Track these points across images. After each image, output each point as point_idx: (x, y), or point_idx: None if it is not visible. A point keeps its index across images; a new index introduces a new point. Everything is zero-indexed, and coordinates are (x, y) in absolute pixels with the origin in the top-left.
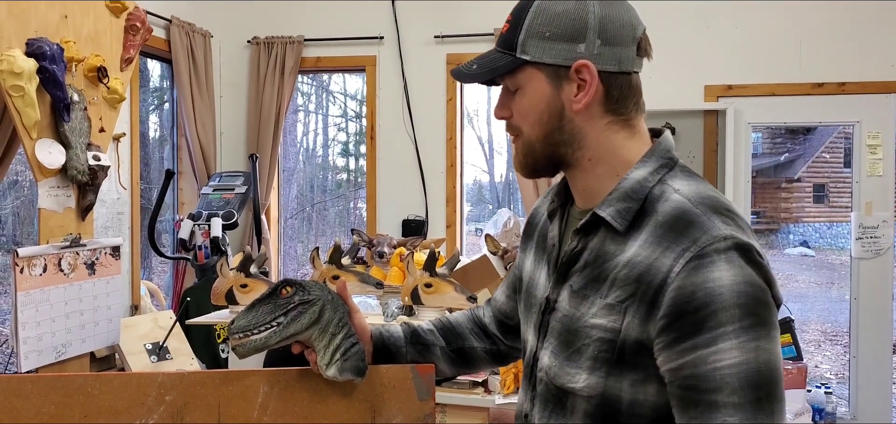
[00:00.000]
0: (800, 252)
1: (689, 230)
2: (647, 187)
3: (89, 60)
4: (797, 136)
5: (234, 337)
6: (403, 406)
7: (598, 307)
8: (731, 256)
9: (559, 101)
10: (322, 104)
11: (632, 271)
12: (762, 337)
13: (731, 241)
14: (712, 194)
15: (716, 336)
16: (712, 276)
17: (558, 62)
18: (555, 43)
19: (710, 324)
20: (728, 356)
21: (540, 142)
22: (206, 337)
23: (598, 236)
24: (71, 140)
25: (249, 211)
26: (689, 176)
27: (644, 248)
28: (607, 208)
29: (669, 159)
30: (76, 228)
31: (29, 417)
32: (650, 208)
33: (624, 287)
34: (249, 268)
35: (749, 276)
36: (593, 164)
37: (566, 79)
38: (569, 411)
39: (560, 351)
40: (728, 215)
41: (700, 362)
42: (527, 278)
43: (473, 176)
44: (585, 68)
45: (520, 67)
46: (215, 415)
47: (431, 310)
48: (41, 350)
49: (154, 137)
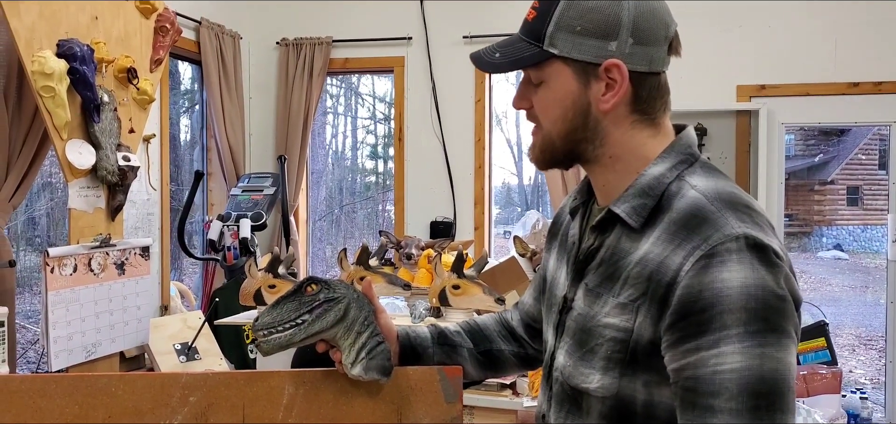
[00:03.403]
0: (833, 256)
1: (701, 228)
2: (665, 183)
3: (119, 61)
4: (830, 137)
5: (259, 334)
6: (430, 408)
7: (610, 306)
8: (743, 256)
9: (585, 99)
10: (351, 106)
11: (644, 269)
12: (770, 344)
13: (744, 240)
14: (731, 190)
15: (719, 338)
16: (722, 276)
17: (588, 59)
18: (585, 38)
19: (715, 326)
20: (729, 360)
21: (561, 138)
22: (234, 338)
23: (614, 234)
24: (101, 141)
25: (278, 212)
26: (708, 172)
27: (656, 245)
28: (622, 205)
29: (690, 155)
30: (106, 228)
31: (53, 417)
32: (666, 205)
33: (636, 285)
34: (278, 269)
35: (761, 278)
36: (614, 161)
37: (594, 77)
38: (585, 412)
39: (574, 351)
40: (745, 212)
41: (701, 364)
42: (549, 277)
43: (502, 178)
44: (616, 68)
45: (546, 60)
46: (240, 416)
47: (459, 312)
48: (71, 350)
49: (185, 140)
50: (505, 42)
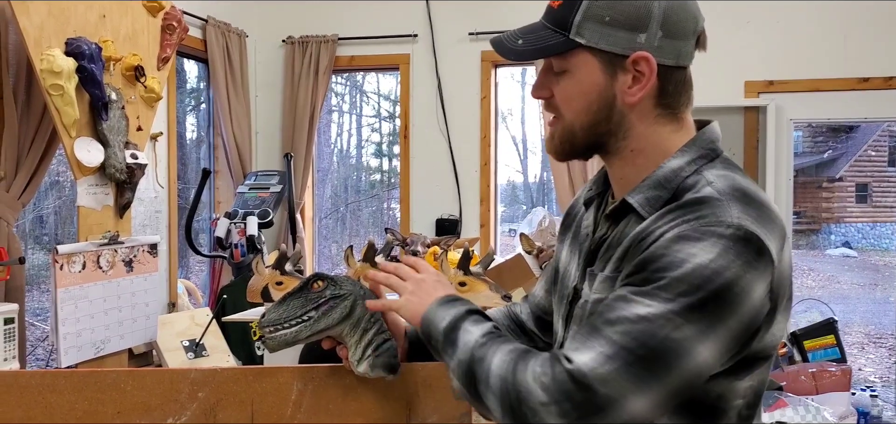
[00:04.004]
0: (842, 253)
1: (698, 208)
2: (681, 176)
3: (127, 60)
4: (839, 134)
5: (266, 330)
6: (439, 405)
7: (598, 282)
8: (725, 241)
9: (611, 91)
10: (356, 104)
11: (632, 240)
12: (691, 322)
13: (734, 229)
14: (747, 185)
15: (652, 292)
16: (693, 249)
17: (616, 51)
18: (614, 29)
19: (658, 283)
20: (642, 308)
21: (583, 130)
22: (242, 334)
23: (626, 225)
24: (109, 138)
25: (284, 210)
26: (727, 167)
27: (651, 222)
28: (636, 196)
29: (711, 150)
30: (114, 225)
31: (63, 412)
32: (679, 197)
33: (621, 259)
34: (285, 266)
35: (735, 270)
36: (635, 155)
37: (621, 68)
38: None
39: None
40: (754, 207)
41: (622, 299)
42: (561, 269)
43: (507, 177)
44: (644, 61)
45: (572, 49)
46: (248, 412)
47: None
48: (80, 346)
49: (191, 139)
50: (528, 29)
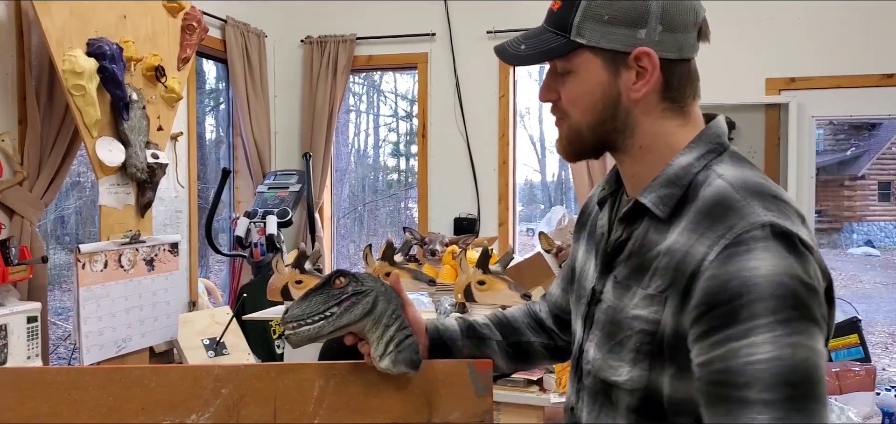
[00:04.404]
0: (864, 252)
1: (725, 216)
2: (692, 172)
3: (147, 60)
4: (861, 131)
5: (288, 327)
6: (460, 402)
7: (639, 298)
8: (769, 244)
9: (615, 88)
10: (373, 104)
11: (671, 259)
12: (801, 333)
13: (770, 228)
14: (758, 179)
15: (749, 329)
16: (748, 264)
17: (617, 48)
18: (614, 27)
19: (743, 315)
20: (761, 350)
21: (590, 129)
22: (262, 333)
23: (642, 225)
24: (130, 138)
25: (303, 209)
26: (736, 161)
27: (682, 235)
28: (649, 195)
29: (719, 144)
30: (135, 225)
31: (88, 409)
32: (693, 195)
33: (663, 276)
34: (304, 265)
35: (789, 266)
36: (643, 151)
37: (624, 65)
38: (615, 405)
39: (604, 343)
40: (772, 201)
41: (731, 355)
42: (578, 269)
43: (525, 176)
44: (646, 56)
45: (574, 50)
46: (271, 409)
47: (484, 308)
48: (102, 345)
49: (210, 139)
50: (530, 33)
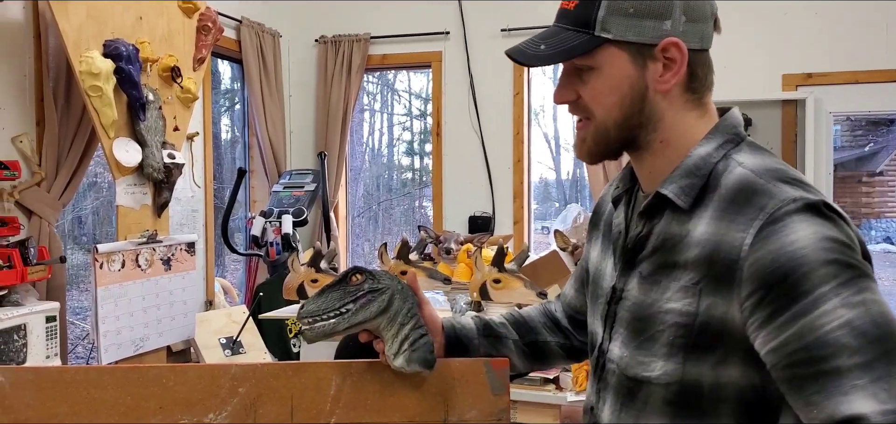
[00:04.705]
0: (883, 249)
1: (754, 199)
2: (711, 162)
3: (163, 60)
4: (879, 127)
5: (304, 321)
6: (477, 401)
7: (672, 291)
8: (802, 215)
9: (643, 81)
10: (387, 103)
11: (702, 250)
12: (865, 289)
13: (801, 201)
14: (778, 164)
15: (815, 299)
16: (788, 239)
17: (644, 40)
18: (640, 20)
19: (804, 289)
20: (835, 316)
21: (617, 126)
22: (278, 332)
23: (663, 219)
24: (147, 139)
25: (318, 208)
26: (755, 150)
27: (710, 225)
28: (670, 186)
29: (736, 134)
30: (152, 224)
31: (107, 408)
32: (714, 184)
33: (696, 268)
34: (320, 264)
35: (827, 232)
36: (664, 146)
37: (650, 58)
38: (641, 402)
39: (631, 341)
40: (796, 183)
41: (806, 331)
42: (593, 269)
43: (539, 174)
44: (674, 46)
45: (598, 46)
46: (288, 407)
47: (500, 306)
48: (120, 344)
49: (226, 139)
50: (547, 33)
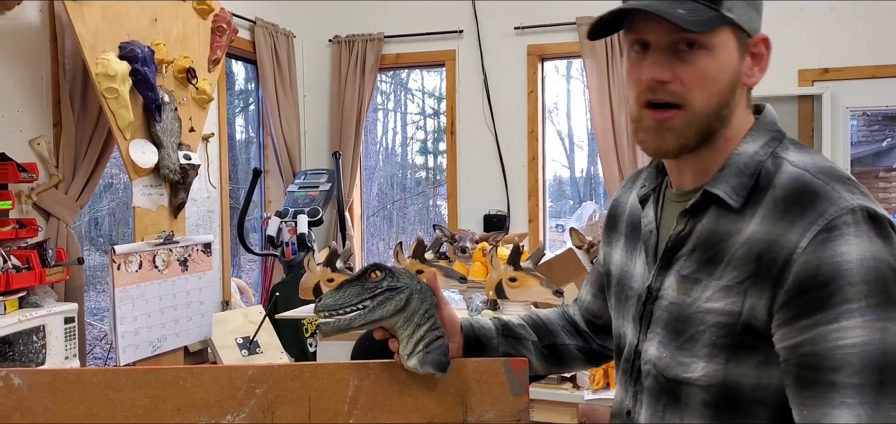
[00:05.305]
0: None
1: (814, 202)
2: (759, 161)
3: (179, 62)
4: None
5: (321, 315)
6: (496, 401)
7: (713, 290)
8: (860, 228)
9: (739, 72)
10: (401, 103)
11: (751, 249)
12: (891, 318)
13: (860, 212)
14: (829, 163)
15: (840, 313)
16: (840, 249)
17: (750, 30)
18: (752, 7)
19: (835, 300)
20: (852, 334)
21: (711, 116)
22: (294, 331)
23: (707, 217)
24: (163, 140)
25: (333, 208)
26: (801, 148)
27: (764, 224)
28: (721, 186)
29: (778, 131)
30: (169, 225)
31: (124, 409)
32: (765, 183)
33: (742, 267)
34: (335, 263)
35: (879, 251)
36: (724, 142)
37: (746, 49)
38: (683, 403)
39: (670, 341)
40: (852, 184)
41: (820, 339)
42: (617, 271)
43: (553, 171)
44: (763, 41)
45: (720, 25)
46: (306, 408)
47: (516, 305)
48: (138, 345)
49: (240, 139)
50: (672, 2)
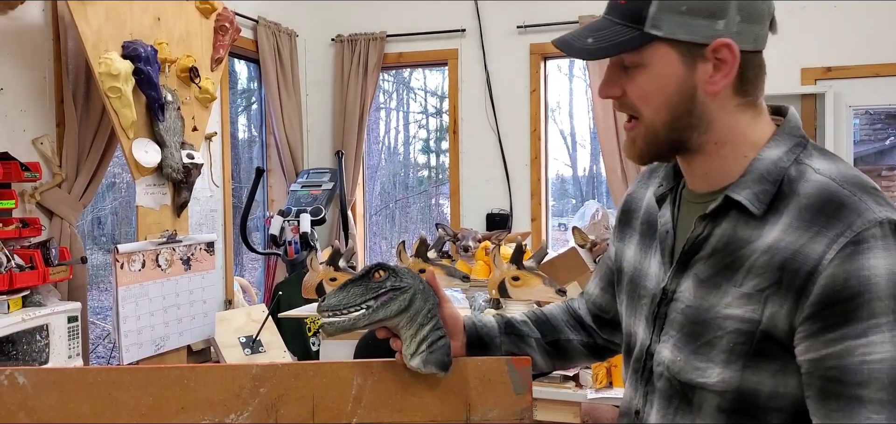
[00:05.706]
0: None
1: (841, 213)
2: (783, 167)
3: (181, 61)
4: None
5: (324, 315)
6: (499, 400)
7: (733, 297)
8: (889, 242)
9: (691, 82)
10: (403, 102)
11: (773, 257)
12: None
13: (888, 225)
14: (855, 172)
15: (867, 327)
16: (869, 263)
17: (696, 40)
18: (692, 18)
19: (862, 314)
20: (880, 349)
21: (665, 127)
22: (297, 330)
23: (727, 222)
24: (166, 139)
25: (336, 207)
26: (825, 155)
27: (788, 232)
28: (743, 192)
29: (801, 137)
30: (172, 224)
31: (128, 408)
32: (788, 191)
33: (763, 275)
34: (338, 262)
35: None
36: (719, 147)
37: (701, 58)
38: (696, 407)
39: (685, 345)
40: (879, 195)
41: (847, 353)
42: (630, 268)
43: (556, 170)
44: (726, 48)
45: (648, 43)
46: (310, 407)
47: (519, 303)
48: (141, 343)
49: (243, 139)
50: (594, 26)
